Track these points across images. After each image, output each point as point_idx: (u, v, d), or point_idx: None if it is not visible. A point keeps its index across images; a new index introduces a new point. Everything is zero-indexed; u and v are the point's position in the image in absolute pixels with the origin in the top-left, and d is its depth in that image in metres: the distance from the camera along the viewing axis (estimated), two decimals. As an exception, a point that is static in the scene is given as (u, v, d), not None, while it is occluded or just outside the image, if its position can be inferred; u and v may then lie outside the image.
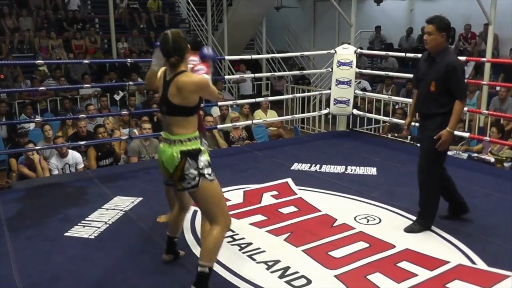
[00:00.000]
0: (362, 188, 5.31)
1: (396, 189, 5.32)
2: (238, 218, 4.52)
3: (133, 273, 3.61)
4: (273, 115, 9.67)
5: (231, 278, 3.51)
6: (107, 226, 4.42)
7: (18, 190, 5.49)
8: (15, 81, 11.04)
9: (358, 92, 8.48)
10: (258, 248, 3.94)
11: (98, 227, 4.38)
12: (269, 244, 4.02)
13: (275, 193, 5.19)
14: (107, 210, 4.80)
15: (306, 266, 3.65)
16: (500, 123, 7.54)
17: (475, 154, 7.02)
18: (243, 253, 3.88)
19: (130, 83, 8.80)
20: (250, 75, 11.93)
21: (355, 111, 7.96)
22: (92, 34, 13.87)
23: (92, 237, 4.20)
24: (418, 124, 4.48)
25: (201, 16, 16.02)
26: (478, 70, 11.10)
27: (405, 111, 9.27)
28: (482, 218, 4.56)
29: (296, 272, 3.57)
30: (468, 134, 6.93)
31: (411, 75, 8.00)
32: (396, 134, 8.72)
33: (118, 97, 11.25)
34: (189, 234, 4.17)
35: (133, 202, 4.97)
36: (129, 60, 7.84)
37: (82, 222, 4.51)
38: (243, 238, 4.12)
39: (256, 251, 3.89)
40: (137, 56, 13.35)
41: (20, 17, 13.51)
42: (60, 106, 10.86)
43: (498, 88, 9.36)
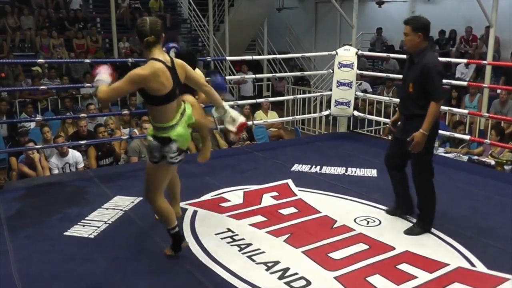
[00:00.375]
0: (362, 189, 5.30)
1: (396, 191, 5.30)
2: (238, 219, 4.52)
3: (132, 272, 3.61)
4: (273, 116, 9.67)
5: (230, 279, 3.50)
6: (107, 225, 4.41)
7: (18, 189, 5.48)
8: (16, 79, 11.06)
9: (359, 93, 8.48)
10: (258, 249, 3.93)
11: (98, 227, 4.37)
12: (269, 245, 4.01)
13: (275, 194, 5.17)
14: (107, 209, 4.79)
15: (306, 268, 3.65)
16: (499, 126, 7.54)
17: (476, 157, 7.02)
18: (243, 253, 3.87)
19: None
20: (251, 76, 11.95)
21: (356, 113, 7.96)
22: (93, 33, 13.89)
23: (91, 236, 4.19)
24: (399, 124, 4.46)
25: (202, 16, 16.03)
26: (479, 72, 11.10)
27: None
28: (482, 221, 4.56)
29: (295, 273, 3.57)
30: (468, 137, 6.93)
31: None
32: (396, 136, 8.71)
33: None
34: (189, 236, 4.16)
35: (133, 202, 4.96)
36: (130, 59, 7.83)
37: (82, 221, 4.50)
38: (243, 239, 4.11)
39: (255, 252, 3.88)
40: (138, 55, 13.32)
41: (21, 15, 13.52)
42: (60, 105, 10.86)
43: (498, 91, 9.36)
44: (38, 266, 3.71)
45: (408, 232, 4.27)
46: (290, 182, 5.53)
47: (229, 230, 4.29)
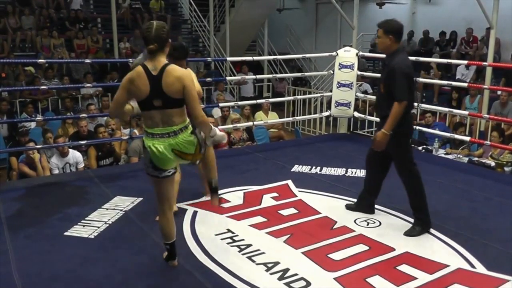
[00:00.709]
0: (363, 190, 5.29)
1: (396, 192, 5.27)
2: (238, 220, 4.52)
3: (132, 273, 3.61)
4: (274, 117, 9.67)
5: (231, 280, 3.50)
6: (107, 226, 4.41)
7: (18, 189, 5.48)
8: (17, 79, 11.04)
9: (359, 94, 8.48)
10: (258, 249, 3.94)
11: (98, 227, 4.37)
12: (268, 245, 4.01)
13: (275, 194, 5.18)
14: (107, 210, 4.79)
15: (306, 268, 3.65)
16: (501, 128, 7.54)
17: (476, 158, 7.02)
18: (243, 254, 3.87)
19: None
20: (251, 77, 11.94)
21: (356, 114, 7.95)
22: (94, 33, 13.88)
23: (91, 236, 4.20)
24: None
25: (203, 17, 16.02)
26: (480, 74, 11.10)
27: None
28: (482, 222, 4.56)
29: (295, 274, 3.57)
30: (469, 138, 6.93)
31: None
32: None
33: (119, 97, 11.24)
34: (189, 237, 4.16)
35: (133, 202, 4.96)
36: (130, 60, 7.81)
37: (82, 221, 4.50)
38: (243, 240, 4.11)
39: (255, 253, 3.88)
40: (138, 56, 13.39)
41: (22, 16, 13.52)
42: (61, 105, 10.86)
43: (499, 92, 9.36)
44: (38, 266, 3.71)
45: (408, 233, 4.27)
46: (290, 183, 5.53)
47: (229, 230, 4.29)
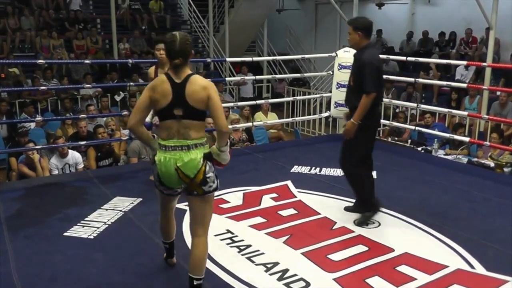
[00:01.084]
0: (362, 191, 5.28)
1: (395, 193, 5.32)
2: (237, 220, 4.53)
3: (132, 273, 3.61)
4: (273, 118, 9.67)
5: (230, 280, 3.51)
6: (106, 226, 4.42)
7: (18, 189, 5.48)
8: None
9: (359, 95, 8.46)
10: (257, 250, 3.94)
11: (97, 228, 4.38)
12: (268, 246, 4.02)
13: (275, 195, 5.19)
14: (107, 210, 4.79)
15: (305, 269, 3.65)
16: (500, 129, 7.55)
17: (475, 159, 7.03)
18: (242, 255, 3.87)
19: (131, 84, 8.81)
20: (251, 77, 11.94)
21: (356, 115, 7.95)
22: (93, 34, 13.89)
23: (91, 237, 4.20)
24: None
25: (202, 17, 16.04)
26: (479, 74, 11.10)
27: (406, 115, 9.29)
28: (481, 223, 4.57)
29: (295, 274, 3.57)
30: (468, 139, 6.93)
31: (412, 79, 8.10)
32: (396, 137, 8.74)
33: (119, 98, 11.26)
34: (189, 238, 4.14)
35: (132, 203, 4.97)
36: (130, 60, 7.83)
37: (82, 222, 4.50)
38: (242, 240, 4.12)
39: (255, 253, 3.89)
40: (138, 56, 13.42)
41: (22, 16, 13.52)
42: (60, 106, 10.87)
43: (498, 93, 9.37)
44: (38, 266, 3.71)
45: (360, 222, 4.45)
46: (289, 183, 5.54)
47: (228, 231, 4.29)
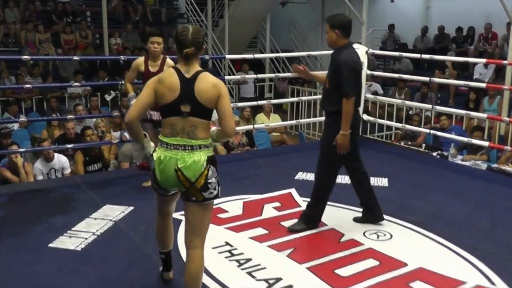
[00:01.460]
0: (372, 200, 5.27)
1: (409, 202, 5.30)
2: (236, 232, 4.51)
3: (122, 289, 3.60)
4: (276, 120, 9.66)
5: (229, 297, 3.49)
6: (95, 237, 4.40)
7: None
8: (-1, 77, 11.05)
9: (369, 96, 8.47)
10: (258, 264, 3.92)
11: (86, 238, 4.36)
12: (270, 260, 4.00)
13: (278, 204, 5.17)
14: (96, 219, 4.77)
15: (311, 285, 3.63)
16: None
17: (495, 165, 6.99)
18: (242, 269, 3.85)
19: (123, 83, 8.76)
20: (252, 76, 11.93)
21: (366, 117, 7.94)
22: (83, 28, 13.90)
23: (78, 248, 4.18)
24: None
25: (200, 11, 16.05)
26: (499, 73, 11.09)
27: (420, 117, 9.27)
28: (502, 235, 4.55)
29: (299, 291, 3.55)
30: (487, 143, 6.90)
31: (427, 78, 8.08)
32: (409, 142, 8.71)
33: (109, 97, 11.26)
34: (183, 249, 4.13)
35: (123, 212, 4.95)
36: (122, 57, 7.83)
37: (68, 232, 4.48)
38: (242, 253, 4.10)
39: (256, 268, 3.87)
40: (131, 53, 13.27)
41: (5, 8, 13.53)
42: (46, 105, 10.85)
43: (520, 93, 9.34)
44: (20, 279, 3.69)
45: (291, 228, 4.51)
46: (293, 191, 5.52)
47: (227, 243, 4.28)
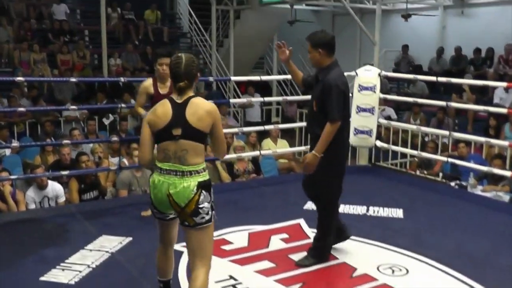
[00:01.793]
0: (387, 232, 5.26)
1: (426, 235, 5.28)
2: (241, 264, 4.50)
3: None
4: (283, 145, 9.66)
5: (233, 336, 3.46)
6: (90, 270, 4.38)
7: (-12, 225, 5.48)
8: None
9: (382, 121, 8.46)
10: (265, 301, 3.90)
11: (80, 271, 4.34)
12: (277, 296, 3.97)
13: (285, 236, 5.15)
14: (91, 251, 4.76)
15: (321, 324, 3.60)
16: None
17: (518, 197, 6.95)
18: (247, 306, 3.83)
19: (122, 106, 8.76)
20: (258, 99, 11.95)
21: (379, 143, 7.93)
22: (80, 47, 13.96)
23: (72, 282, 4.16)
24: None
25: (204, 30, 16.18)
26: (522, 98, 11.07)
27: (436, 144, 9.25)
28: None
29: (308, 330, 3.52)
30: (510, 173, 6.85)
31: (443, 103, 8.06)
32: (425, 170, 8.67)
33: (107, 121, 11.26)
34: (186, 284, 4.12)
35: (121, 243, 4.94)
36: (122, 79, 7.81)
37: (61, 264, 4.47)
38: (247, 289, 4.07)
39: (262, 305, 3.84)
40: (131, 74, 13.35)
41: (-1, 26, 13.62)
42: (40, 129, 10.85)
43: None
44: (9, 317, 3.67)
45: (300, 263, 4.46)
46: (302, 222, 5.50)
47: (231, 277, 4.26)
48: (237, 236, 5.11)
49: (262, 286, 4.13)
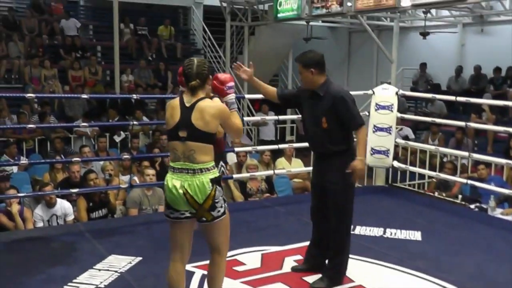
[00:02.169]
0: (404, 255, 5.21)
1: (444, 258, 5.22)
2: (254, 286, 4.47)
3: None
4: (298, 165, 9.63)
5: None
6: (99, 290, 4.37)
7: (-5, 244, 5.49)
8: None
9: (400, 141, 8.43)
10: (278, 324, 3.87)
11: (88, 292, 4.33)
12: (290, 320, 3.94)
13: (299, 257, 5.10)
14: (100, 271, 4.75)
15: None
16: None
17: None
18: (259, 330, 3.80)
19: (134, 123, 8.79)
20: (272, 117, 11.95)
21: (396, 163, 7.89)
22: (92, 63, 14.01)
23: (80, 303, 4.16)
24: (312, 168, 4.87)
25: (218, 46, 16.25)
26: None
27: (454, 165, 9.19)
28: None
29: None
30: (531, 194, 6.80)
31: (462, 123, 8.02)
32: (444, 192, 8.61)
33: (118, 138, 11.29)
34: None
35: (130, 263, 4.93)
36: (134, 96, 7.81)
37: (69, 284, 4.47)
38: (260, 312, 4.05)
39: (274, 328, 3.81)
40: (143, 91, 13.31)
41: (10, 42, 13.71)
42: (50, 146, 10.89)
43: None
44: (15, 337, 3.66)
45: (316, 286, 4.43)
46: (317, 243, 5.46)
47: (243, 300, 4.22)
48: (249, 257, 5.09)
49: (275, 309, 4.11)
